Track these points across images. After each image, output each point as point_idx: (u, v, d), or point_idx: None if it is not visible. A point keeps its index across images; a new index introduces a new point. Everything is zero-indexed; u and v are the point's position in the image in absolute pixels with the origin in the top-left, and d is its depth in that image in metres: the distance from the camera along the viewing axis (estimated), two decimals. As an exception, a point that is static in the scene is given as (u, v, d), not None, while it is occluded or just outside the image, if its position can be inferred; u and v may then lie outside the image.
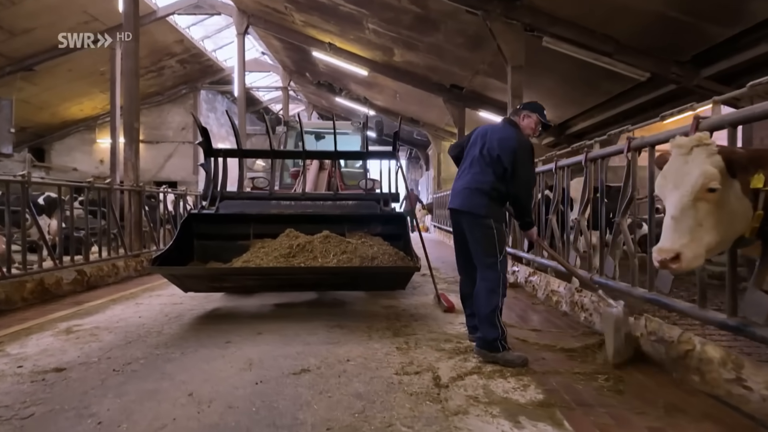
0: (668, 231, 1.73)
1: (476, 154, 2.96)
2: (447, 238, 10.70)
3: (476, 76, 10.03)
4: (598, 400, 2.34)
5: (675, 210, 1.73)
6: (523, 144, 2.87)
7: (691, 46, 6.05)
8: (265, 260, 3.79)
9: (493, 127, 3.10)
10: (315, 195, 4.74)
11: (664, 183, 1.82)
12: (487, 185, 2.86)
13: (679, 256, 1.69)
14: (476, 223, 2.88)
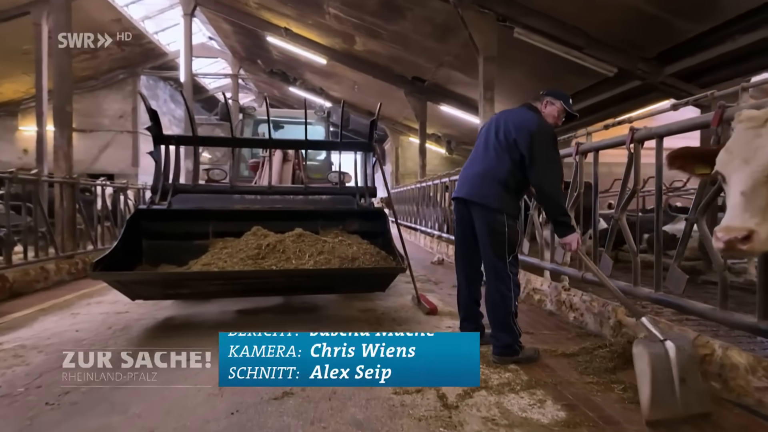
0: (737, 209, 1.53)
1: (492, 138, 2.65)
2: (409, 234, 10.46)
3: (440, 68, 9.82)
4: (623, 415, 2.11)
5: (745, 186, 1.54)
6: (542, 128, 2.58)
7: (659, 42, 6.12)
8: (229, 263, 3.31)
9: (512, 111, 2.80)
10: (284, 188, 4.28)
11: (730, 158, 1.63)
12: (503, 173, 2.56)
13: (751, 235, 1.48)
14: (486, 217, 2.58)
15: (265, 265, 3.30)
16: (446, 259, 7.76)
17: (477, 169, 2.69)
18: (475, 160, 2.73)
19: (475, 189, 2.62)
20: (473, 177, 2.68)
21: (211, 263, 3.35)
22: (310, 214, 3.98)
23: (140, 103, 17.75)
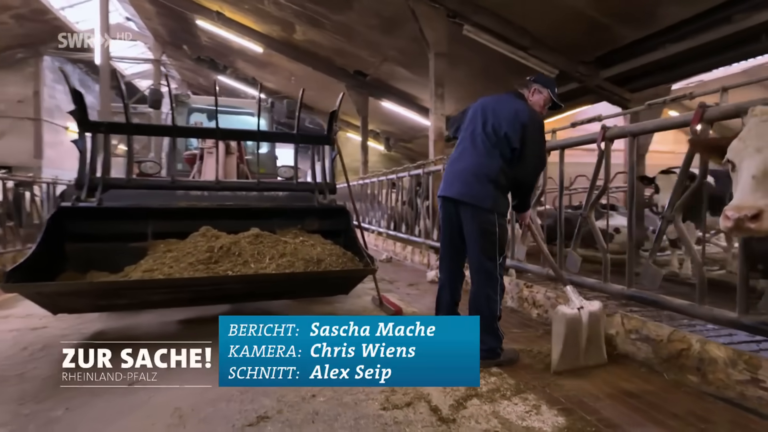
0: (747, 190, 1.65)
1: (479, 131, 2.49)
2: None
3: (384, 62, 9.67)
4: (622, 418, 2.08)
5: (757, 170, 1.66)
6: (534, 120, 2.48)
7: (598, 47, 6.41)
8: (176, 268, 2.91)
9: (498, 98, 2.63)
10: (234, 184, 3.87)
11: (743, 146, 1.74)
12: (494, 171, 2.43)
13: (760, 214, 1.54)
14: (478, 217, 2.45)
15: (219, 270, 2.93)
16: (394, 257, 7.66)
17: (466, 166, 2.51)
18: (464, 155, 2.55)
19: (466, 188, 2.46)
20: (463, 174, 2.51)
21: (154, 269, 2.91)
22: (266, 212, 3.64)
23: (44, 86, 15.84)
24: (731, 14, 4.81)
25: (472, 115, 2.60)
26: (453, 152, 2.66)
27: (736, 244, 2.48)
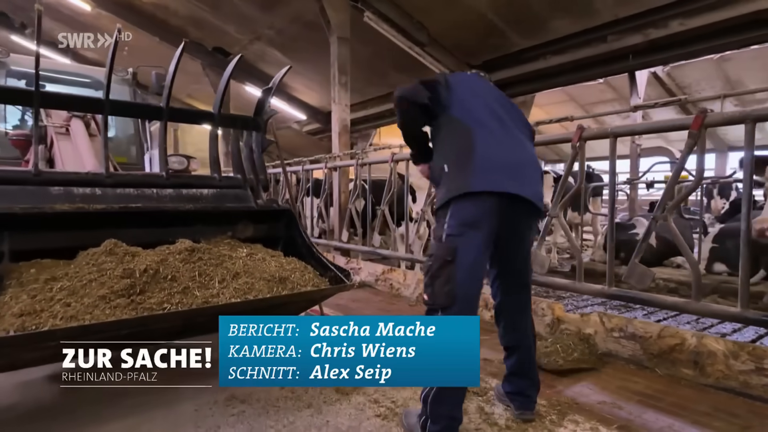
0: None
1: (506, 117, 1.93)
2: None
3: (255, 42, 8.63)
4: (667, 423, 2.03)
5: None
6: None
7: (489, 51, 6.73)
8: (80, 306, 1.90)
9: (487, 84, 2.11)
10: (135, 178, 2.78)
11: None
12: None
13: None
14: (536, 222, 2.10)
15: (152, 305, 2.02)
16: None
17: (527, 158, 1.89)
18: (509, 141, 1.88)
19: (538, 188, 1.89)
20: (529, 168, 1.87)
21: (40, 311, 1.86)
22: (187, 216, 2.70)
23: None
24: (607, 35, 5.48)
25: (475, 91, 2.00)
26: (475, 134, 1.83)
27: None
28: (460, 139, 1.85)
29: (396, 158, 4.52)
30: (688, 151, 2.48)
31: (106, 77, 2.56)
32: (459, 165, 1.82)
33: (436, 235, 1.83)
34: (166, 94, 2.82)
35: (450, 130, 1.90)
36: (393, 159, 4.52)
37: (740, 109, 2.33)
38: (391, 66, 7.84)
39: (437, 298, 1.78)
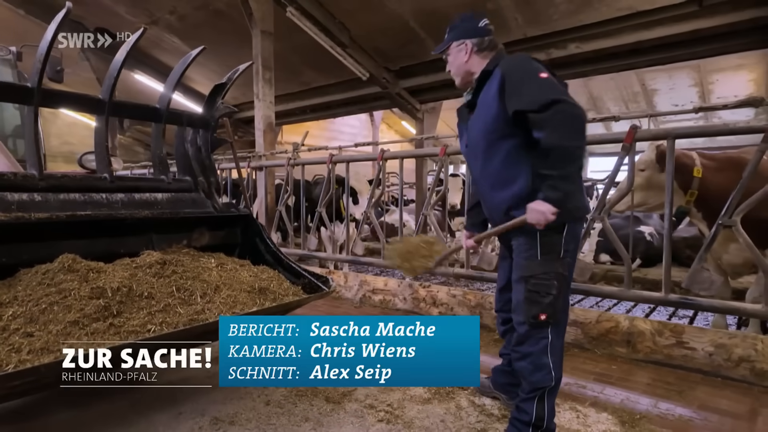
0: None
1: None
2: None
3: (150, 26, 7.75)
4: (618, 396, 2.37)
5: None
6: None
7: (406, 57, 6.95)
8: (50, 336, 1.60)
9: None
10: (77, 181, 2.32)
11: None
12: None
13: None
14: None
15: (135, 327, 1.77)
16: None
17: None
18: None
19: None
20: None
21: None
22: (141, 223, 2.39)
23: None
24: (514, 51, 6.05)
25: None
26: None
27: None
28: None
29: (335, 159, 4.48)
30: (620, 160, 2.90)
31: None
32: (575, 184, 1.71)
33: (550, 250, 1.72)
34: (109, 84, 2.46)
35: None
36: (332, 160, 4.47)
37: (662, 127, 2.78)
38: (305, 63, 7.67)
39: (559, 315, 1.75)
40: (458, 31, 1.93)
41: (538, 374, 1.75)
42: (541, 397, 1.77)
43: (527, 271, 1.74)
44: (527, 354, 1.77)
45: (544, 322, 1.72)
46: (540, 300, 1.71)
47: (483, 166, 1.86)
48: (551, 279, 1.70)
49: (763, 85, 10.48)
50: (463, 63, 1.91)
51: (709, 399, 2.34)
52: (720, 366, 2.59)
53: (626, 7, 4.98)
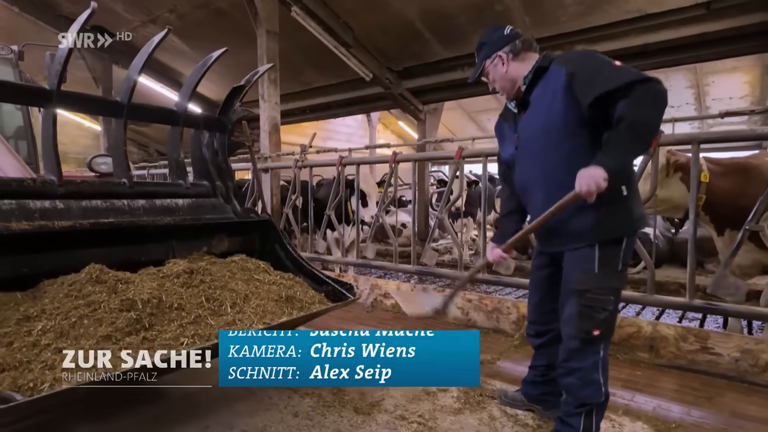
0: None
1: None
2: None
3: (148, 25, 7.63)
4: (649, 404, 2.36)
5: None
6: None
7: (409, 58, 6.91)
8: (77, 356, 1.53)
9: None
10: (96, 186, 2.24)
11: None
12: None
13: None
14: None
15: (168, 341, 1.71)
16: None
17: None
18: None
19: None
20: None
21: (26, 363, 1.45)
22: (161, 231, 2.31)
23: None
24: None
25: None
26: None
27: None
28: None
29: (345, 162, 4.42)
30: (643, 165, 2.88)
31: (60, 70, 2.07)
32: (634, 193, 1.70)
33: (609, 263, 1.65)
34: (128, 87, 2.38)
35: None
36: (341, 162, 4.41)
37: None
38: (307, 63, 7.60)
39: (612, 331, 1.72)
40: (487, 49, 1.86)
41: (588, 390, 1.71)
42: (589, 413, 1.73)
43: (582, 284, 1.66)
44: (575, 369, 1.72)
45: (597, 337, 1.66)
46: (595, 315, 1.64)
47: (541, 167, 1.74)
48: (607, 294, 1.64)
49: (757, 87, 10.60)
50: (504, 74, 1.83)
51: (738, 405, 2.34)
52: (746, 372, 2.58)
53: (635, 10, 4.99)
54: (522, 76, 1.80)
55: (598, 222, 1.64)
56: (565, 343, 1.75)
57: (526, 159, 1.83)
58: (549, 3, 5.18)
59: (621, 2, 4.93)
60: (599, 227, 1.64)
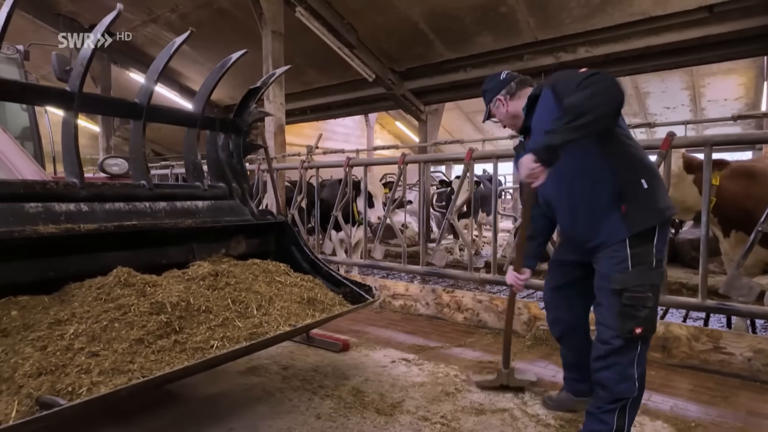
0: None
1: None
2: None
3: (148, 24, 7.59)
4: (666, 403, 2.38)
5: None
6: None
7: (412, 59, 6.92)
8: (113, 357, 1.52)
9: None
10: (117, 189, 2.22)
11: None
12: None
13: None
14: None
15: (199, 344, 1.70)
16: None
17: None
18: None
19: None
20: None
21: (62, 367, 1.44)
22: (181, 234, 2.31)
23: None
24: (524, 54, 6.08)
25: None
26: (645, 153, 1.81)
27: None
28: (642, 153, 1.76)
29: (352, 163, 4.43)
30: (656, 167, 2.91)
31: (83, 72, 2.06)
32: (656, 182, 1.72)
33: (643, 260, 1.67)
34: (147, 90, 2.37)
35: (628, 145, 1.74)
36: (349, 164, 4.42)
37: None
38: (308, 64, 7.59)
39: (654, 328, 1.73)
40: (488, 94, 2.09)
41: (624, 385, 1.73)
42: (623, 408, 1.75)
43: (620, 284, 1.68)
44: (613, 364, 1.73)
45: (641, 336, 1.68)
46: (636, 314, 1.65)
47: (554, 181, 1.75)
48: (646, 291, 1.65)
49: (752, 89, 10.74)
50: (506, 113, 2.04)
51: (754, 405, 2.37)
52: (759, 371, 2.62)
53: (639, 12, 5.04)
54: (521, 109, 1.98)
55: (623, 219, 1.68)
56: (607, 341, 1.75)
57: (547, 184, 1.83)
58: (553, 5, 5.21)
59: (625, 5, 4.98)
60: (625, 224, 1.68)
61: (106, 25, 2.00)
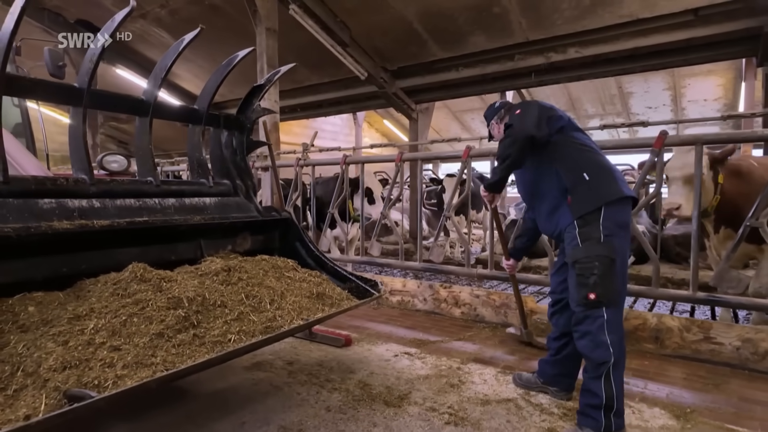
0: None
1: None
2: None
3: (137, 20, 7.48)
4: (662, 391, 2.48)
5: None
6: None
7: (405, 58, 6.96)
8: (135, 351, 1.54)
9: None
10: (124, 185, 2.22)
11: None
12: None
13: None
14: None
15: (217, 338, 1.72)
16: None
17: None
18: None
19: None
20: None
21: (85, 361, 1.45)
22: (190, 230, 2.32)
23: None
24: (515, 54, 6.18)
25: (569, 119, 2.23)
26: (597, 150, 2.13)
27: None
28: (589, 154, 2.10)
29: (349, 161, 4.45)
30: (649, 164, 3.02)
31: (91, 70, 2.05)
32: (601, 174, 2.03)
33: (589, 236, 1.94)
34: (154, 85, 2.37)
35: (576, 147, 2.11)
36: (345, 162, 4.44)
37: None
38: (300, 61, 7.53)
39: (610, 295, 1.90)
40: (487, 119, 2.57)
41: (598, 351, 1.91)
42: (607, 375, 1.89)
43: (572, 257, 1.99)
44: (586, 333, 1.95)
45: (596, 301, 1.90)
46: (586, 281, 1.91)
47: (523, 185, 2.34)
48: (592, 261, 1.91)
49: (730, 90, 11.06)
50: (498, 132, 2.50)
51: (744, 391, 2.48)
52: (747, 359, 2.74)
53: (627, 14, 5.16)
54: None
55: (569, 208, 2.02)
56: (574, 310, 2.02)
57: (519, 182, 2.40)
58: (546, 6, 5.31)
59: (615, 7, 5.10)
60: (571, 211, 2.01)
61: (118, 22, 2.00)
